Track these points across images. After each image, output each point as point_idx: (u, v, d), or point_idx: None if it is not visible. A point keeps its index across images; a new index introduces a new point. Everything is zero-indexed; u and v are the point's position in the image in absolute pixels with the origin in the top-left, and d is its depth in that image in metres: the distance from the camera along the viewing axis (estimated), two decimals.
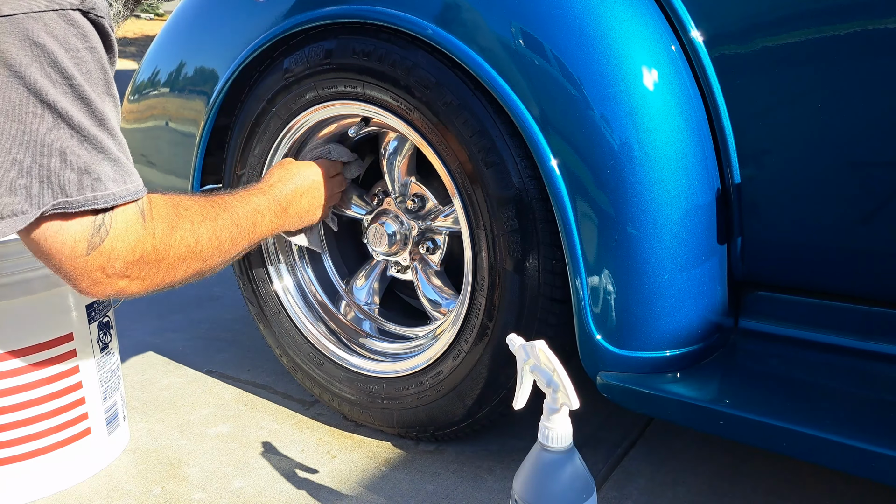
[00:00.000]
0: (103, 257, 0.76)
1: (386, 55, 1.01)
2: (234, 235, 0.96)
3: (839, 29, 0.79)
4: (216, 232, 0.92)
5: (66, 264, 0.76)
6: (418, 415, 1.16)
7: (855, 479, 1.06)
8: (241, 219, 0.98)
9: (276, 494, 1.08)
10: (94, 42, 0.72)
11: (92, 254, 0.75)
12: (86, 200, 0.72)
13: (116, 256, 0.78)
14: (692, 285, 0.90)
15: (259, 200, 1.04)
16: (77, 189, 0.71)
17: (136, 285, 0.82)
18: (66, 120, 0.69)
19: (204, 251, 0.90)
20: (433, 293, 1.24)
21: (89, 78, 0.71)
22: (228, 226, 0.95)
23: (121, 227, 0.77)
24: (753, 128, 0.88)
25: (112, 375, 1.18)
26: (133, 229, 0.79)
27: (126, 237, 0.78)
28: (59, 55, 0.68)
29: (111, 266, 0.78)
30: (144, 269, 0.82)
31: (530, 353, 0.71)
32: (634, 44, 0.87)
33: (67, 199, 0.71)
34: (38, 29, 0.66)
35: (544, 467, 0.70)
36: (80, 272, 0.77)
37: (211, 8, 1.31)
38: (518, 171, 0.94)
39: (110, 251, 0.77)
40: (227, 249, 0.95)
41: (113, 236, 0.76)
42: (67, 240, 0.74)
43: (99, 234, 0.75)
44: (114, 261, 0.78)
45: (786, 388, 0.88)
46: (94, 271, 0.77)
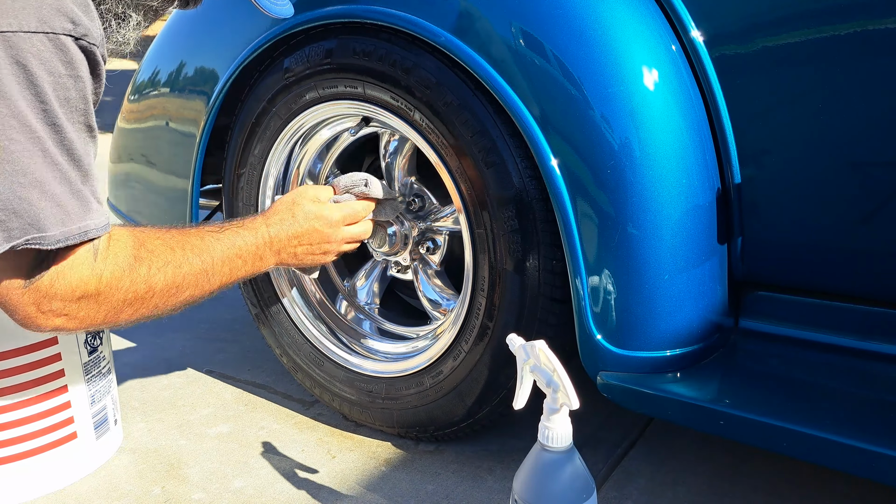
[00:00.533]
0: (39, 294, 0.72)
1: (386, 55, 1.01)
2: (200, 282, 0.89)
3: (839, 29, 0.79)
4: (176, 280, 0.85)
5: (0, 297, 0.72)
6: (418, 415, 1.16)
7: (855, 479, 1.06)
8: (215, 264, 0.90)
9: (276, 494, 1.08)
10: (81, 71, 0.70)
11: (28, 288, 0.72)
12: (61, 236, 0.69)
13: (54, 295, 0.73)
14: (692, 285, 0.90)
15: (247, 240, 0.95)
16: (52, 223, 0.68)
17: (73, 323, 0.77)
18: (40, 147, 0.67)
19: (156, 298, 0.83)
20: (433, 293, 1.24)
21: (66, 105, 0.69)
22: (195, 272, 0.87)
23: (65, 266, 0.73)
24: (753, 128, 0.88)
25: (101, 379, 1.17)
26: (79, 269, 0.74)
27: (69, 276, 0.73)
28: (39, 78, 0.66)
29: (46, 303, 0.73)
30: (84, 310, 0.77)
31: (530, 353, 0.71)
32: (635, 44, 0.87)
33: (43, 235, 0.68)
34: (24, 49, 0.65)
35: (544, 467, 0.70)
36: (13, 306, 0.73)
37: (211, 8, 1.30)
38: (518, 171, 0.94)
39: (48, 289, 0.72)
40: (188, 297, 0.88)
41: (53, 273, 0.72)
42: (6, 270, 0.70)
43: (39, 269, 0.71)
44: (50, 299, 0.73)
45: (786, 388, 0.88)
46: (28, 306, 0.73)
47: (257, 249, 0.96)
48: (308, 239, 1.02)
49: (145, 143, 1.42)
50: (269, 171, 1.25)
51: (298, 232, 1.00)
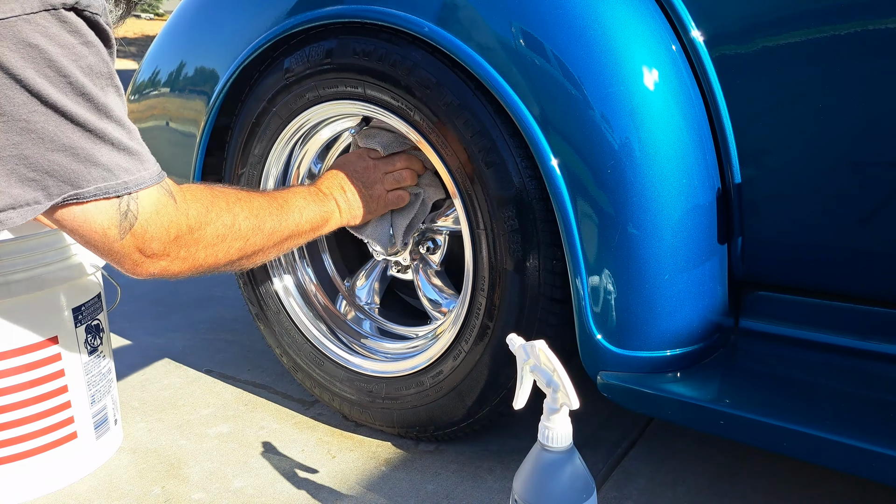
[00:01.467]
0: (137, 239, 0.79)
1: (386, 55, 1.01)
2: (276, 217, 0.97)
3: (839, 29, 0.79)
4: (254, 211, 0.93)
5: (104, 249, 0.79)
6: (418, 415, 1.16)
7: (855, 479, 1.06)
8: (278, 201, 0.99)
9: (276, 494, 1.08)
10: (90, 37, 0.72)
11: (126, 237, 0.78)
12: (96, 191, 0.74)
13: (151, 237, 0.80)
14: (692, 285, 0.90)
15: (297, 189, 1.06)
16: (88, 181, 0.73)
17: (177, 265, 0.85)
18: (70, 118, 0.70)
19: (244, 229, 0.91)
20: (433, 293, 1.24)
21: (90, 73, 0.72)
22: (266, 206, 0.96)
23: (150, 210, 0.79)
24: (753, 128, 0.88)
25: (101, 379, 1.17)
26: (164, 211, 0.81)
27: (157, 219, 0.80)
28: (54, 54, 0.68)
29: (148, 247, 0.80)
30: (183, 249, 0.84)
31: (530, 353, 0.71)
32: (635, 43, 0.87)
33: (79, 191, 0.73)
34: (30, 31, 0.67)
35: (544, 467, 0.70)
36: (119, 255, 0.80)
37: (211, 8, 1.30)
38: (518, 171, 0.94)
39: (143, 233, 0.79)
40: (270, 231, 0.96)
41: (143, 219, 0.79)
42: (97, 228, 0.77)
43: (127, 219, 0.77)
44: (149, 242, 0.80)
45: (786, 388, 0.88)
46: (133, 253, 0.80)
47: (310, 192, 1.07)
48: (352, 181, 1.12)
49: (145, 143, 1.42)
50: (269, 171, 1.25)
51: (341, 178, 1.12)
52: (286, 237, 1.00)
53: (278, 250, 1.01)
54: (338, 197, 1.10)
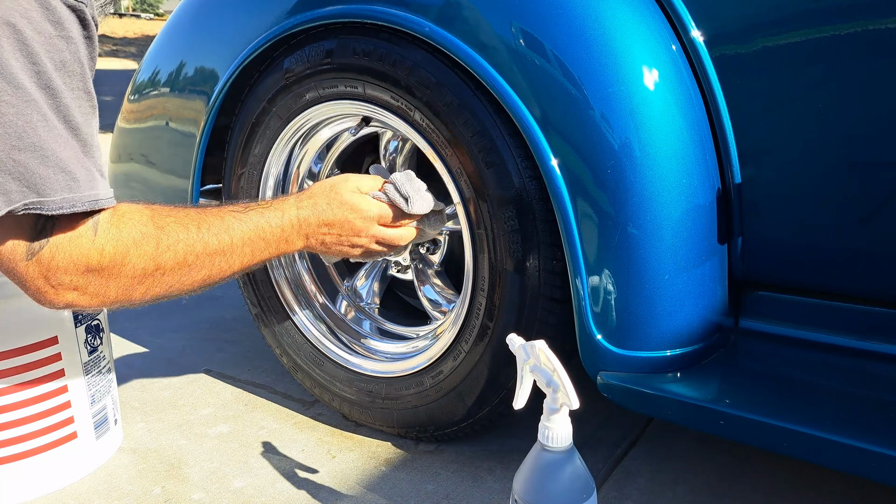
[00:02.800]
0: (42, 266, 0.71)
1: (386, 55, 1.01)
2: (217, 262, 0.85)
3: (839, 29, 0.79)
4: (188, 258, 0.81)
5: (7, 267, 0.71)
6: (418, 415, 1.16)
7: (855, 479, 1.06)
8: (234, 245, 0.86)
9: (276, 494, 1.08)
10: (72, 31, 0.67)
11: (31, 261, 0.70)
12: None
13: (57, 267, 0.71)
14: (692, 285, 0.90)
15: (272, 221, 0.91)
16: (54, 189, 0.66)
17: (85, 299, 0.75)
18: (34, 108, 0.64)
19: (167, 277, 0.80)
20: (433, 293, 1.24)
21: (62, 69, 0.66)
22: (210, 252, 0.84)
23: (64, 238, 0.71)
24: (753, 128, 0.88)
25: (101, 379, 1.17)
26: (77, 242, 0.72)
27: (68, 249, 0.71)
28: (29, 38, 0.63)
29: (53, 276, 0.72)
30: (93, 284, 0.74)
31: (530, 353, 0.71)
32: (635, 43, 0.87)
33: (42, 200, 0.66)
34: (11, 9, 0.62)
35: (544, 467, 0.70)
36: (23, 278, 0.72)
37: (211, 8, 1.31)
38: (518, 171, 0.94)
39: (49, 261, 0.71)
40: (204, 276, 0.84)
41: (53, 245, 0.70)
42: (7, 243, 0.69)
43: (38, 241, 0.69)
44: (55, 271, 0.71)
45: (786, 388, 0.88)
46: (37, 279, 0.71)
47: (283, 232, 0.92)
48: (339, 229, 0.97)
49: (145, 143, 1.42)
50: (269, 171, 1.25)
51: (330, 220, 0.96)
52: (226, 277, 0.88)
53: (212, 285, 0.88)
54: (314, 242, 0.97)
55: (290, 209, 0.93)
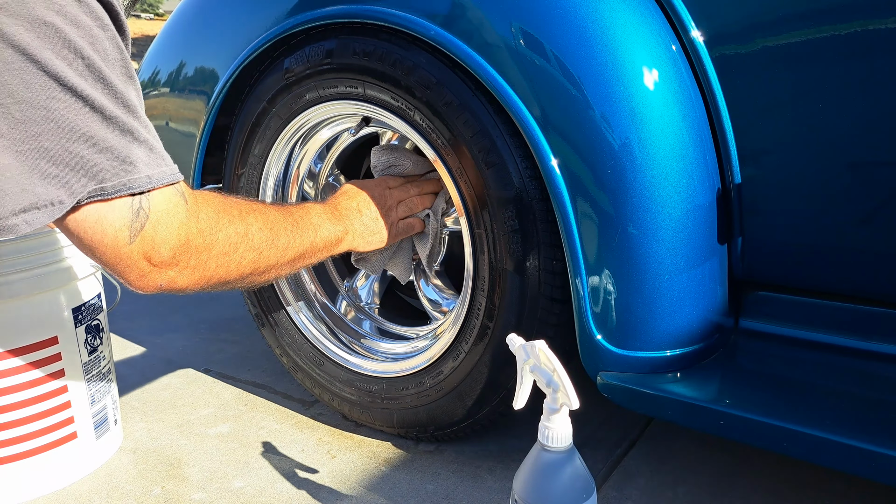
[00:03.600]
0: (146, 244, 0.72)
1: (386, 55, 1.01)
2: (290, 232, 0.92)
3: (839, 29, 0.79)
4: (268, 223, 0.88)
5: (110, 256, 0.72)
6: (418, 415, 1.16)
7: (855, 479, 1.06)
8: (294, 216, 0.94)
9: (276, 494, 1.08)
10: (105, 20, 0.67)
11: (135, 241, 0.71)
12: (121, 185, 0.67)
13: (161, 241, 0.73)
14: (692, 285, 0.90)
15: (312, 205, 1.01)
16: (111, 174, 0.67)
17: (186, 276, 0.77)
18: (89, 104, 0.65)
19: (257, 241, 0.85)
20: (433, 293, 1.24)
21: (106, 58, 0.66)
22: (280, 220, 0.91)
23: (161, 210, 0.72)
24: (753, 128, 0.88)
25: (101, 379, 1.17)
26: (175, 212, 0.74)
27: (169, 220, 0.73)
28: (71, 34, 0.63)
29: (157, 253, 0.73)
30: (194, 257, 0.77)
31: (530, 353, 0.71)
32: (635, 43, 0.87)
33: (103, 185, 0.67)
34: (45, 8, 0.62)
35: (544, 467, 0.70)
36: (125, 263, 0.72)
37: (211, 8, 1.31)
38: (518, 171, 0.94)
39: (153, 236, 0.72)
40: (284, 246, 0.90)
41: (154, 220, 0.72)
42: (108, 230, 0.70)
43: (139, 219, 0.70)
44: (158, 246, 0.73)
45: (786, 388, 0.88)
46: (140, 261, 0.73)
47: (325, 210, 1.03)
48: (368, 206, 1.09)
49: None
50: (269, 171, 1.25)
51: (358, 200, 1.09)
52: (300, 254, 0.95)
53: (290, 268, 0.95)
54: (354, 219, 1.06)
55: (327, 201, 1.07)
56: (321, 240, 0.98)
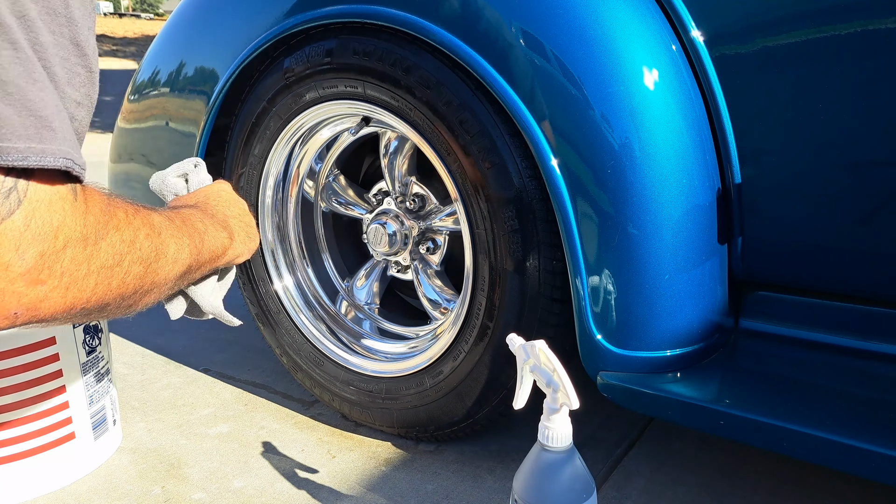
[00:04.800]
0: (9, 240, 0.50)
1: (386, 55, 1.01)
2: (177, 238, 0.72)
3: (839, 29, 0.79)
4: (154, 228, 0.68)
5: None
6: (418, 415, 1.16)
7: (855, 479, 1.06)
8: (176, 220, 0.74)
9: (276, 494, 1.08)
10: None
11: None
12: None
13: (30, 241, 0.51)
14: (692, 285, 0.90)
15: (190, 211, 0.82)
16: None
17: (55, 299, 0.55)
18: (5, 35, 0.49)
19: (144, 249, 0.65)
20: (433, 293, 1.24)
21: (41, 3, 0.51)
22: (167, 224, 0.71)
23: (41, 200, 0.52)
24: (754, 128, 0.88)
25: (100, 380, 1.17)
26: (59, 206, 0.53)
27: (48, 215, 0.52)
28: None
29: (19, 257, 0.51)
30: (68, 272, 0.55)
31: (530, 353, 0.71)
32: (635, 43, 0.87)
33: None
34: None
35: (544, 467, 0.70)
36: None
37: (211, 8, 1.31)
38: (518, 171, 0.94)
39: (22, 232, 0.50)
40: (174, 257, 0.71)
41: (28, 209, 0.51)
42: None
43: (7, 201, 0.50)
44: (25, 247, 0.51)
45: (786, 388, 0.88)
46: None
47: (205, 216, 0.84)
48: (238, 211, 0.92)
49: (145, 143, 1.42)
50: (269, 171, 1.25)
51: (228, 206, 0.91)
52: (188, 267, 0.76)
53: (175, 285, 0.76)
54: (234, 226, 0.88)
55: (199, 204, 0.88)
56: (208, 249, 0.80)
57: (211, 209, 0.88)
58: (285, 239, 1.33)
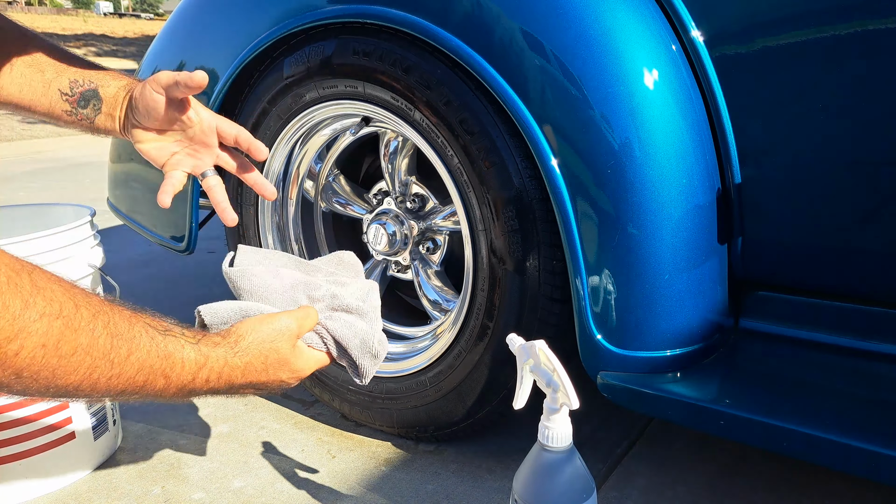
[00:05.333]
0: None
1: (386, 55, 1.01)
2: (100, 371, 0.58)
3: (839, 29, 0.79)
4: (63, 342, 0.54)
5: None
6: (418, 415, 1.15)
7: (855, 479, 1.06)
8: (130, 360, 0.60)
9: (276, 494, 1.08)
10: None
11: None
12: None
13: None
14: (693, 285, 0.90)
15: (189, 355, 0.66)
16: None
17: None
18: None
19: (24, 353, 0.52)
20: (433, 293, 1.24)
21: None
22: (98, 353, 0.57)
23: None
24: (753, 127, 0.88)
25: None
26: None
27: None
28: None
29: None
30: None
31: (530, 353, 0.71)
32: (635, 43, 0.87)
33: None
34: None
35: (544, 467, 0.70)
36: None
37: (211, 8, 1.31)
38: (518, 171, 0.94)
39: None
40: (75, 381, 0.56)
41: None
42: None
43: None
44: None
45: (786, 388, 0.88)
46: None
47: (198, 372, 0.68)
48: (267, 387, 0.77)
49: None
50: (270, 171, 1.25)
51: (262, 381, 0.75)
52: (114, 394, 0.61)
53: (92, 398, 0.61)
54: (217, 386, 0.71)
55: (219, 353, 0.70)
56: (131, 396, 0.64)
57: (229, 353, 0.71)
58: (285, 239, 1.33)
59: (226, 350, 0.71)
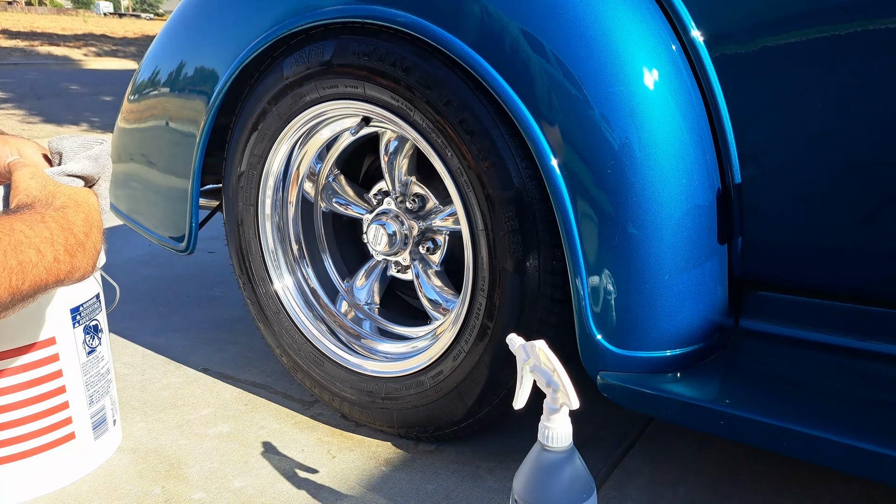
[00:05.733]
0: None
1: (386, 55, 1.01)
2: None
3: (839, 29, 0.79)
4: None
5: None
6: (418, 415, 1.16)
7: (855, 479, 1.06)
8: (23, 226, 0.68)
9: (276, 494, 1.08)
10: None
11: None
12: None
13: None
14: (693, 285, 0.90)
15: (33, 215, 0.74)
16: None
17: None
18: None
19: None
20: (433, 293, 1.24)
21: None
22: None
23: None
24: (754, 128, 0.88)
25: (100, 380, 1.17)
26: None
27: None
28: None
29: None
30: None
31: (530, 353, 0.71)
32: (635, 43, 0.87)
33: None
34: None
35: (544, 467, 0.70)
36: None
37: (211, 8, 1.30)
38: (518, 171, 0.94)
39: None
40: None
41: None
42: None
43: None
44: None
45: (786, 388, 0.88)
46: None
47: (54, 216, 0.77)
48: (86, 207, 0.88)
49: (145, 143, 1.42)
50: (270, 170, 1.25)
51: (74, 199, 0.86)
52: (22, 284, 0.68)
53: None
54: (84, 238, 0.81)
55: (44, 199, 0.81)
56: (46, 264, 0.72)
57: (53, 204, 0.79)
58: (285, 239, 1.33)
59: None
